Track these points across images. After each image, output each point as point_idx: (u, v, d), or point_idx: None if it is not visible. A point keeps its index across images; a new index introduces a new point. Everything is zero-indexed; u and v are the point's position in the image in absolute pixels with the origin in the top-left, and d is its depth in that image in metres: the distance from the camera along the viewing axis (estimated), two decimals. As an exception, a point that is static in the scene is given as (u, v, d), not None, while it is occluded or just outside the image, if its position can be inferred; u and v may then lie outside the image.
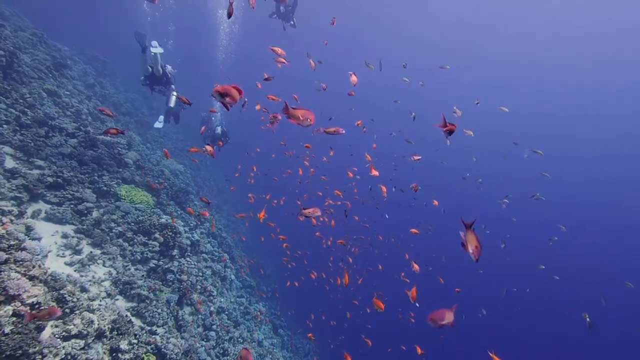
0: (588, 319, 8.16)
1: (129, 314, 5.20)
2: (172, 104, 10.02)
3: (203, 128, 11.05)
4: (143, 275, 6.22)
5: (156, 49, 8.50)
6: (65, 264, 5.37)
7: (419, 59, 40.61)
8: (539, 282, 22.30)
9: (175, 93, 10.05)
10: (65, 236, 5.76)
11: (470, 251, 2.24)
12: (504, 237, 11.94)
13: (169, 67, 9.46)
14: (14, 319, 3.28)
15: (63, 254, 5.48)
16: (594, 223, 36.71)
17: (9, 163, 6.02)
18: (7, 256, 3.68)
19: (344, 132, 3.59)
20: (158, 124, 10.51)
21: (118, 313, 4.53)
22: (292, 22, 10.47)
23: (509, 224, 20.24)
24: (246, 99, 7.98)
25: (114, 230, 6.53)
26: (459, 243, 2.32)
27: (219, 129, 11.50)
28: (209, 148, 5.15)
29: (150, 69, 8.84)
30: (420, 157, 6.39)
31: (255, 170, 11.09)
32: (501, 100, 42.46)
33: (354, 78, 5.69)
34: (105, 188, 7.15)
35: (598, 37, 31.67)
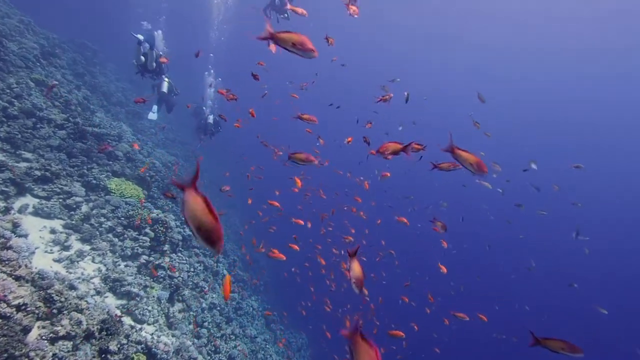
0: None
1: (118, 312, 5.11)
2: (164, 88, 9.95)
3: (190, 105, 10.78)
4: (133, 272, 6.12)
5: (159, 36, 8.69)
6: (54, 260, 5.25)
7: (423, 51, 40.15)
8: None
9: (167, 80, 9.93)
10: (53, 231, 5.63)
11: None
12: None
13: (161, 53, 9.31)
14: (0, 321, 3.18)
15: (51, 250, 5.35)
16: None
17: (-5, 156, 5.85)
18: (-8, 255, 3.57)
19: (461, 167, 3.27)
20: (152, 115, 10.35)
21: (107, 312, 4.45)
22: (285, 15, 10.25)
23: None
24: (267, 92, 8.06)
25: (103, 225, 6.41)
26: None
27: (210, 118, 11.40)
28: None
29: (143, 59, 8.74)
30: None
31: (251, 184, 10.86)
32: (507, 90, 41.78)
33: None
34: (94, 181, 7.01)
35: (601, 26, 30.73)
